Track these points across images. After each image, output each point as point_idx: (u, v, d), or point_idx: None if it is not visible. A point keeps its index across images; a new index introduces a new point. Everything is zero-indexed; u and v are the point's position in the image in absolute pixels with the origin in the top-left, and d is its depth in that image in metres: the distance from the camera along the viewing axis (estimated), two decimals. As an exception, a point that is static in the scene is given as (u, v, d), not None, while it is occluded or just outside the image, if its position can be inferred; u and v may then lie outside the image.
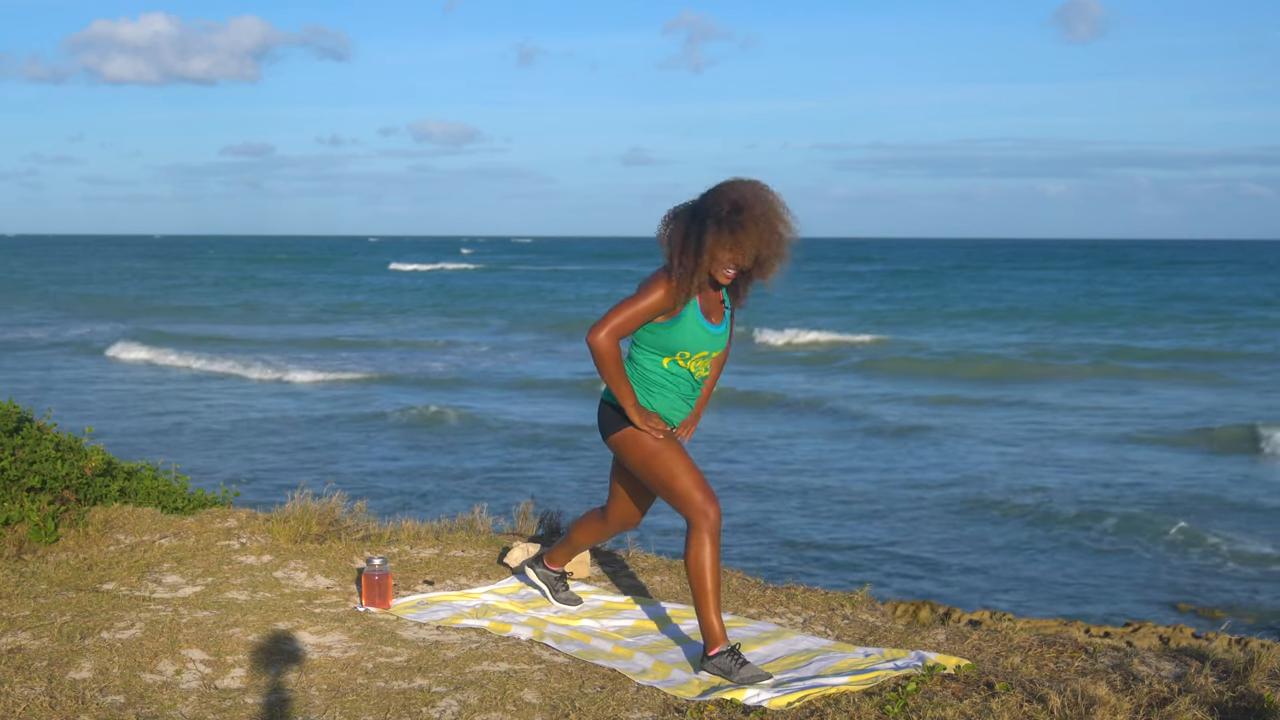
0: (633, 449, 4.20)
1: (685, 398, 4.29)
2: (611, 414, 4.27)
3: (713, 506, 4.03)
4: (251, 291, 57.49)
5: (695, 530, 4.02)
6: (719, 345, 4.25)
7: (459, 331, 38.02)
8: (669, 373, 4.22)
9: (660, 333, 4.15)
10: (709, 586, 4.01)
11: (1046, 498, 14.58)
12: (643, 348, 4.23)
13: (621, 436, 4.22)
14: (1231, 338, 35.40)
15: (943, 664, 3.99)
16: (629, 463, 4.24)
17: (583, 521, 4.76)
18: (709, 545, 4.00)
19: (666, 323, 4.13)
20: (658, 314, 4.11)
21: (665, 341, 4.16)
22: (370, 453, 17.43)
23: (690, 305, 4.12)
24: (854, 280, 67.32)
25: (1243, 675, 3.77)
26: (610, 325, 4.08)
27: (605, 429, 4.29)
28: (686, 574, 4.04)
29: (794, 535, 12.77)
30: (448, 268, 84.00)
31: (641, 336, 4.21)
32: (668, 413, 4.26)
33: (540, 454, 17.21)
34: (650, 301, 4.08)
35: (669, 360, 4.20)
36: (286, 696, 3.85)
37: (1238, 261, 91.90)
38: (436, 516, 6.15)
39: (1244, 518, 13.77)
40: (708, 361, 4.27)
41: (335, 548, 5.43)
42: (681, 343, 4.16)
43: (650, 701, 3.82)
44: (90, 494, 5.76)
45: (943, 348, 32.42)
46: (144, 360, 29.38)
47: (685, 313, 4.12)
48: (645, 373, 4.23)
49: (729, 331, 4.30)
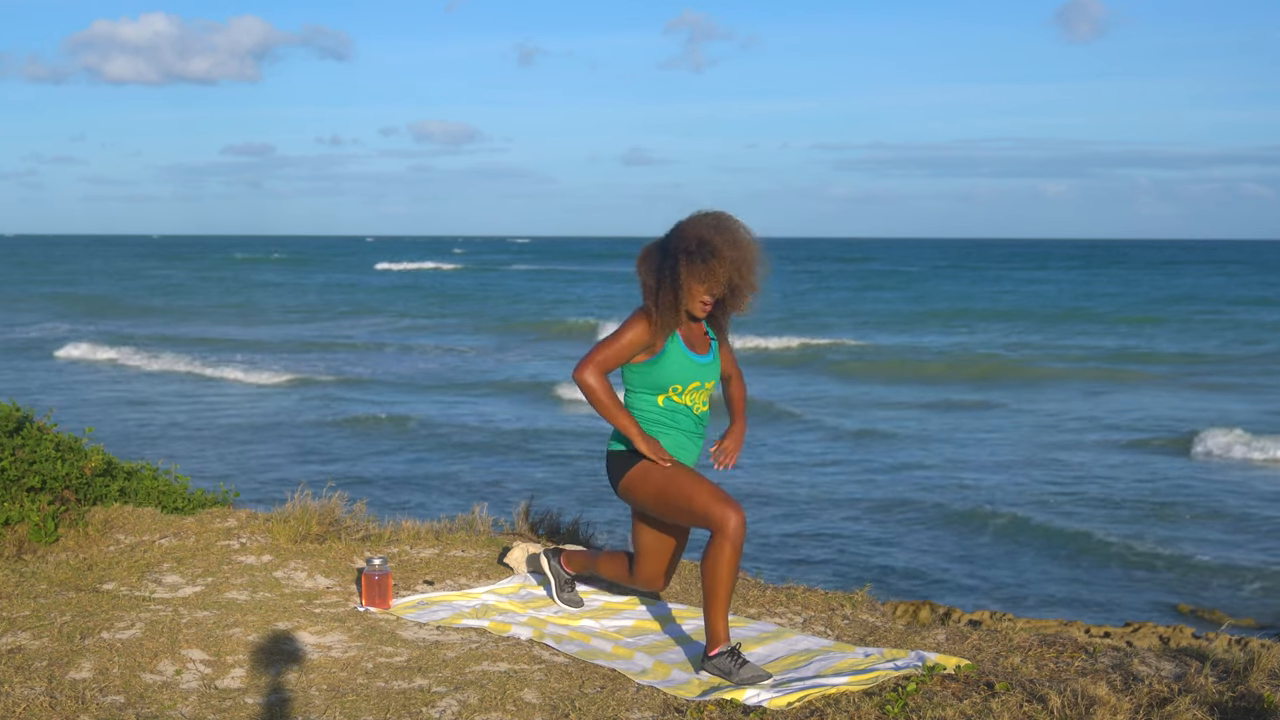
0: (642, 489, 4.22)
1: (689, 434, 4.32)
2: (616, 462, 4.30)
3: (735, 514, 4.02)
4: (242, 292, 56.93)
5: (717, 537, 4.03)
6: (710, 375, 4.29)
7: (420, 335, 37.54)
8: (666, 410, 4.27)
9: (648, 370, 4.21)
10: (721, 591, 4.01)
11: (1046, 498, 14.58)
12: (636, 390, 4.29)
13: (628, 481, 4.25)
14: (1223, 338, 35.38)
15: (943, 664, 3.99)
16: (644, 505, 4.26)
17: (612, 557, 4.76)
18: (728, 550, 4.00)
19: (651, 359, 4.20)
20: (640, 349, 4.18)
21: (655, 378, 4.22)
22: (267, 451, 17.36)
23: (673, 339, 4.20)
24: (837, 279, 66.84)
25: (1243, 675, 3.77)
26: (594, 361, 4.16)
27: (613, 479, 4.33)
28: (701, 574, 4.05)
29: (794, 535, 12.77)
30: (426, 267, 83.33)
31: (631, 379, 4.27)
32: (675, 451, 4.28)
33: (477, 454, 17.20)
34: (631, 337, 4.16)
35: (663, 398, 4.25)
36: (286, 696, 3.85)
37: (1239, 262, 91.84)
38: (436, 516, 6.15)
39: (1245, 518, 13.77)
40: (703, 394, 4.31)
41: (335, 548, 5.43)
42: (670, 377, 4.21)
43: (650, 702, 3.82)
44: (90, 494, 5.77)
45: (939, 349, 32.42)
46: (99, 360, 29.12)
47: (668, 347, 4.19)
48: (643, 414, 4.28)
49: (719, 364, 4.35)
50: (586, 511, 6.56)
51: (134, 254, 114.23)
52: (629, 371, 4.26)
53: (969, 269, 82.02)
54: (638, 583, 4.63)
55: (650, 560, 4.52)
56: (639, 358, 4.21)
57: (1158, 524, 13.38)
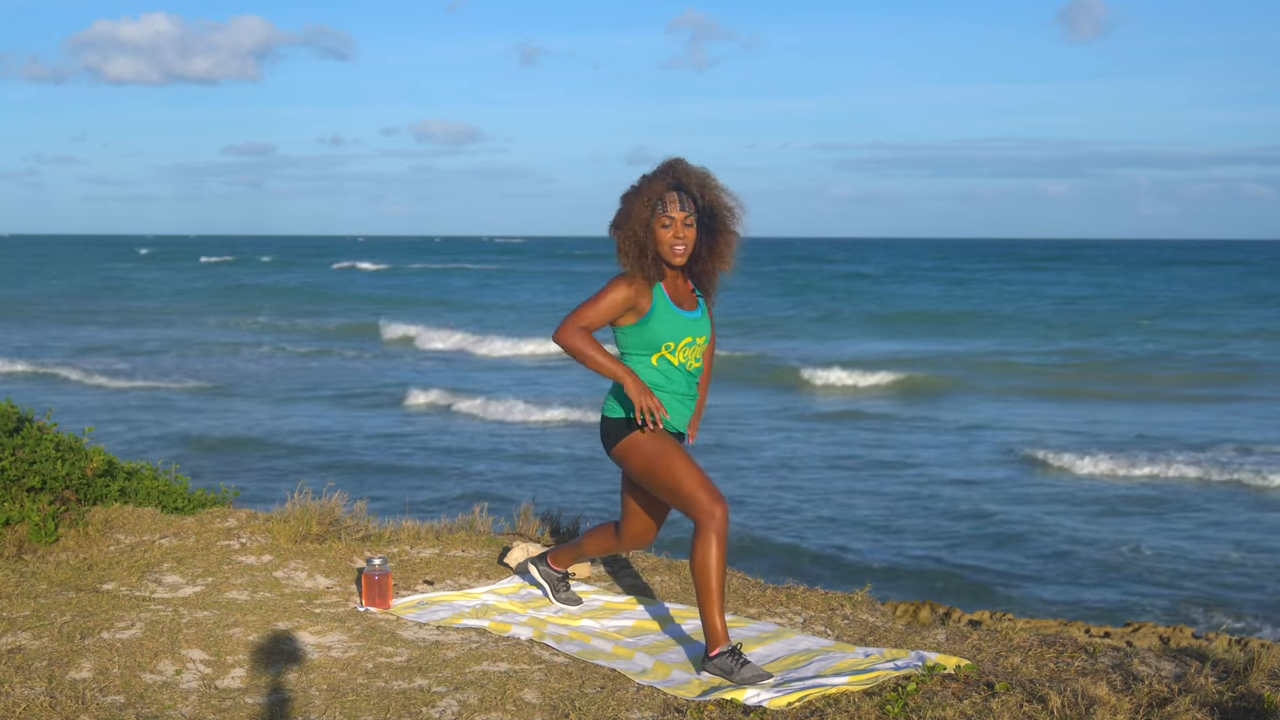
0: (635, 457, 4.19)
1: (682, 397, 4.29)
2: (612, 427, 4.27)
3: (719, 507, 4.01)
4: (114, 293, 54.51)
5: (702, 530, 4.01)
6: (701, 331, 4.26)
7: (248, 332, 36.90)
8: (660, 371, 4.23)
9: (639, 331, 4.18)
10: (713, 587, 4.00)
11: (1046, 498, 14.58)
12: (628, 353, 4.25)
13: (623, 446, 4.23)
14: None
15: (943, 664, 3.99)
16: (633, 471, 4.24)
17: (596, 532, 4.75)
18: (715, 545, 3.99)
19: (640, 320, 4.17)
20: (623, 310, 4.15)
21: (647, 337, 4.18)
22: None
23: (659, 296, 4.16)
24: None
25: (1243, 675, 3.77)
26: (573, 321, 4.12)
27: (607, 442, 4.30)
28: (691, 573, 4.04)
29: (793, 536, 12.77)
30: (360, 266, 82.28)
31: (623, 341, 4.24)
32: (669, 415, 4.26)
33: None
34: (611, 298, 4.12)
35: (657, 357, 4.21)
36: (286, 696, 3.85)
37: (1239, 263, 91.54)
38: (436, 516, 6.15)
39: (1245, 519, 13.77)
40: (696, 350, 4.27)
41: (335, 548, 5.43)
42: (662, 334, 4.17)
43: (650, 701, 3.82)
44: (90, 494, 5.77)
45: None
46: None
47: (655, 305, 4.16)
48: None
49: (707, 317, 4.32)
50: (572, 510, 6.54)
51: (115, 255, 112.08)
52: (621, 335, 4.22)
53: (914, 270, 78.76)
54: (625, 543, 4.60)
55: (639, 518, 4.50)
56: (627, 319, 4.16)
57: (1158, 524, 13.37)
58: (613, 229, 4.17)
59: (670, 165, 4.16)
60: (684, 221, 4.11)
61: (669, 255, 4.13)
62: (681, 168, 4.16)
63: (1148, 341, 33.96)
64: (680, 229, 4.10)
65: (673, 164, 4.16)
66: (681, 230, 4.11)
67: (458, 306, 48.23)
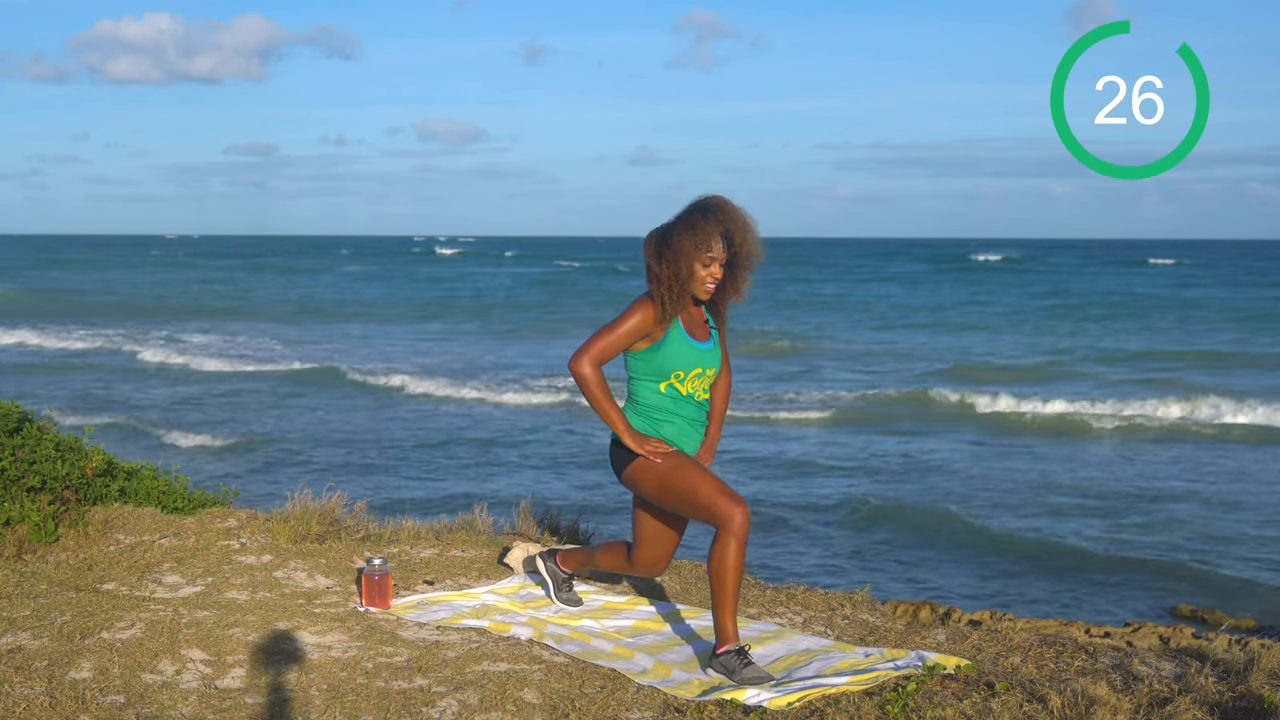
0: (646, 478, 4.21)
1: (692, 422, 4.31)
2: (620, 452, 4.29)
3: (739, 509, 4.01)
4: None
5: (723, 533, 4.02)
6: (711, 362, 4.29)
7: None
8: (668, 398, 4.26)
9: (650, 358, 4.20)
10: (729, 588, 4.01)
11: (1045, 498, 14.58)
12: (637, 378, 4.28)
13: (632, 471, 4.24)
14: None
15: (943, 664, 3.99)
16: (647, 492, 4.24)
17: (610, 548, 4.75)
18: (734, 547, 4.00)
19: (653, 346, 4.19)
20: (639, 338, 4.18)
21: (657, 365, 4.21)
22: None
23: (674, 326, 4.19)
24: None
25: (1243, 675, 3.77)
26: (591, 351, 4.16)
27: (617, 467, 4.32)
28: (708, 573, 4.05)
29: (793, 534, 12.77)
30: (346, 268, 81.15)
31: (633, 366, 4.27)
32: (678, 440, 4.28)
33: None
34: (630, 325, 4.15)
35: (665, 385, 4.24)
36: (286, 696, 3.85)
37: (1237, 263, 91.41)
38: (436, 516, 6.15)
39: (1245, 518, 13.77)
40: (705, 381, 4.30)
41: (335, 548, 5.43)
42: (672, 363, 4.20)
43: (650, 701, 3.82)
44: (90, 494, 5.76)
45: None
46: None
47: (669, 334, 4.19)
48: (646, 402, 4.28)
49: (719, 351, 4.35)
50: (586, 514, 6.55)
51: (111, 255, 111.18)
52: (631, 359, 4.25)
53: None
54: (637, 568, 4.61)
55: (650, 545, 4.51)
56: (639, 345, 4.20)
57: (1157, 523, 13.37)
58: (654, 255, 4.17)
59: (722, 207, 4.17)
60: (721, 262, 4.17)
61: (700, 291, 4.18)
62: (733, 215, 4.18)
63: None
64: (717, 269, 4.17)
65: (723, 206, 4.18)
66: (718, 271, 4.17)
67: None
